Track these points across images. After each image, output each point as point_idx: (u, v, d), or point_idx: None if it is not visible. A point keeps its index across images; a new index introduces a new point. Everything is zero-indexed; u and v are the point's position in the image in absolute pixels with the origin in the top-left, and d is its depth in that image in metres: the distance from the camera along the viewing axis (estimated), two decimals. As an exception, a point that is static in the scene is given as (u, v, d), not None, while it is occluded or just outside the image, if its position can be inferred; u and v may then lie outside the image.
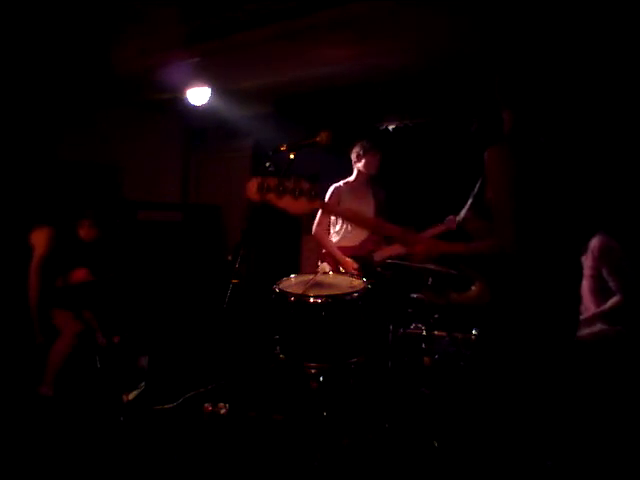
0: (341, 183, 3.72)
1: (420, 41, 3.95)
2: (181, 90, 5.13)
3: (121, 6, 3.53)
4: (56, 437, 2.95)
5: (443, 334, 3.10)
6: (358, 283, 2.71)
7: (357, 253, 3.56)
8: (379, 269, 3.40)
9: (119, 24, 3.82)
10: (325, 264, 3.47)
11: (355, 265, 3.47)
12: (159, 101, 5.72)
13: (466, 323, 3.03)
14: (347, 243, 3.60)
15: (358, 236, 3.59)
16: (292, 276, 2.87)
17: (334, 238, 3.67)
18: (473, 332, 2.98)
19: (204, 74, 4.85)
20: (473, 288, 1.99)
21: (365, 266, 3.48)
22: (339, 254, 3.53)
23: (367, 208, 3.67)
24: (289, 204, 1.90)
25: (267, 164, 2.27)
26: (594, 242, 3.03)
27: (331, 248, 3.58)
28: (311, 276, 2.84)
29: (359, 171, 3.71)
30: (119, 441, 2.94)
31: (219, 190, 6.59)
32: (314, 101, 5.31)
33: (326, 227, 3.71)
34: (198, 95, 5.17)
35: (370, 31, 3.79)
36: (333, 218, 3.72)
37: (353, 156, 3.72)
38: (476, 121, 3.31)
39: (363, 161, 3.67)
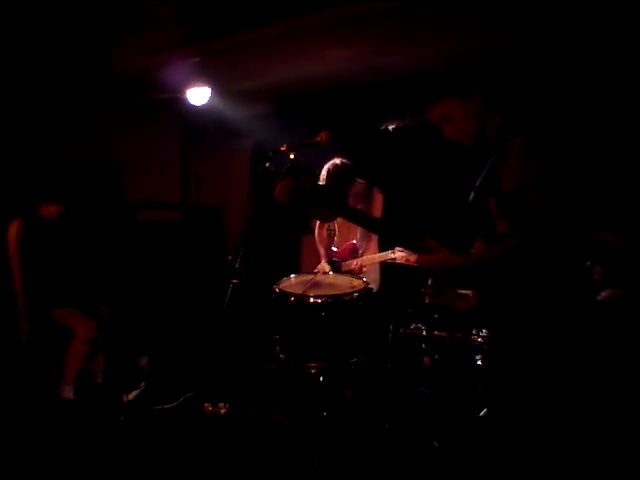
0: None
1: (421, 41, 3.95)
2: (181, 90, 5.13)
3: (121, 6, 3.53)
4: (56, 437, 2.95)
5: (443, 334, 3.09)
6: (358, 283, 2.71)
7: (338, 256, 3.55)
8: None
9: (119, 24, 3.83)
10: (325, 264, 3.50)
11: (327, 269, 3.46)
12: (159, 101, 5.72)
13: (466, 323, 3.03)
14: (336, 247, 3.63)
15: (341, 243, 3.58)
16: (292, 276, 2.86)
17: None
18: (473, 332, 2.98)
19: (204, 74, 4.85)
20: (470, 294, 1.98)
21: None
22: (321, 258, 3.62)
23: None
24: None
25: (267, 164, 2.27)
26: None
27: (319, 251, 3.67)
28: (311, 276, 2.84)
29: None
30: (119, 441, 2.94)
31: (219, 190, 6.58)
32: (314, 101, 5.31)
33: (325, 236, 3.68)
34: (198, 95, 5.17)
35: (370, 31, 3.79)
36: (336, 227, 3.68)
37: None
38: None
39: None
